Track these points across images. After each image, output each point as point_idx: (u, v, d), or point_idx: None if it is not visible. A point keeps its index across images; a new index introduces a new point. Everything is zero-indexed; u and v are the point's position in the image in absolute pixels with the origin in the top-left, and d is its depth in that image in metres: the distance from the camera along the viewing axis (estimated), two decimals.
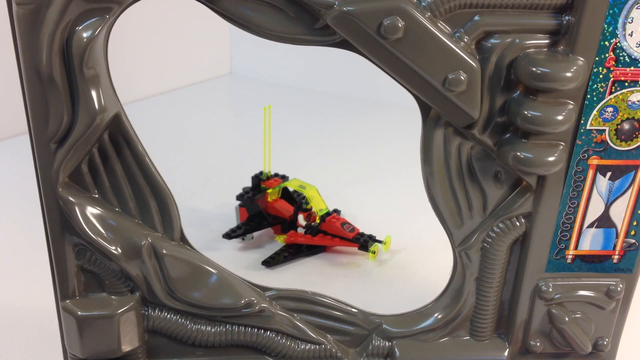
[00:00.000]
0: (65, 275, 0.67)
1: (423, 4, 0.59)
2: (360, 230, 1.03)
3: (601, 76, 0.61)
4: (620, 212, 0.68)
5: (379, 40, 0.59)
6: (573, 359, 0.77)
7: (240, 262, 1.02)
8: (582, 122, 0.63)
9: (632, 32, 0.59)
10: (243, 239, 1.06)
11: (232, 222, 1.10)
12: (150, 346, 0.73)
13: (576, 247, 0.70)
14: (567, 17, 0.60)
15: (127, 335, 0.69)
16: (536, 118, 0.61)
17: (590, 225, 0.69)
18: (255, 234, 1.07)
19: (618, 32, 0.59)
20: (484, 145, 0.66)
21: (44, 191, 0.63)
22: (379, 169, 1.41)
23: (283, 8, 0.60)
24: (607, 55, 0.60)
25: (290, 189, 1.10)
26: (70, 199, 0.64)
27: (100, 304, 0.69)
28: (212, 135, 1.63)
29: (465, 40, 0.61)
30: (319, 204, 1.04)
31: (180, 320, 0.72)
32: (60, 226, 0.65)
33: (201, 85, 2.05)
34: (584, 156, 0.65)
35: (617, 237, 0.69)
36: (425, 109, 0.65)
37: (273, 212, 1.07)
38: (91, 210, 0.65)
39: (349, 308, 0.75)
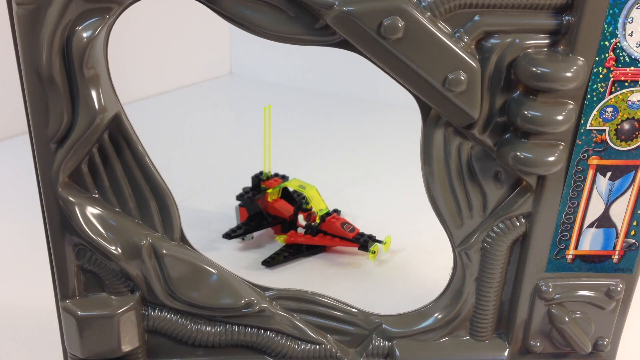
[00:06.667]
0: (65, 275, 0.67)
1: (423, 4, 0.59)
2: (360, 230, 1.03)
3: (601, 76, 0.61)
4: (620, 212, 0.68)
5: (379, 40, 0.59)
6: (573, 359, 0.77)
7: (240, 262, 1.02)
8: (582, 122, 0.63)
9: (632, 32, 0.59)
10: (243, 239, 1.06)
11: (232, 222, 1.10)
12: (150, 346, 0.73)
13: (576, 247, 0.70)
14: (567, 17, 0.60)
15: (127, 335, 0.69)
16: (536, 118, 0.61)
17: (590, 225, 0.69)
18: (255, 234, 1.07)
19: (618, 32, 0.59)
20: (484, 145, 0.66)
21: (44, 191, 0.63)
22: (379, 169, 1.41)
23: (283, 8, 0.60)
24: (607, 55, 0.60)
25: (290, 189, 1.10)
26: (70, 199, 0.64)
27: (100, 304, 0.69)
28: (212, 135, 1.63)
29: (465, 40, 0.61)
30: (319, 204, 1.04)
31: (180, 320, 0.72)
32: (60, 226, 0.65)
33: (201, 85, 2.05)
34: (584, 156, 0.65)
35: (617, 237, 0.69)
36: (425, 109, 0.65)
37: (273, 212, 1.07)
38: (91, 210, 0.65)
39: (349, 308, 0.75)
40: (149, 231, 0.68)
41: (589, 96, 0.62)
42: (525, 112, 0.62)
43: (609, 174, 0.66)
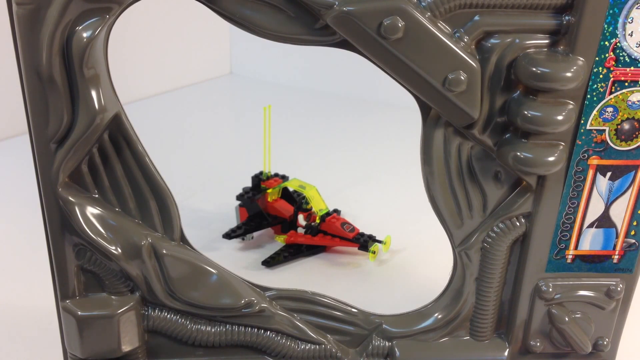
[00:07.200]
0: (65, 275, 0.67)
1: (423, 4, 0.59)
2: (360, 230, 1.03)
3: (601, 76, 0.61)
4: (620, 212, 0.68)
5: (379, 40, 0.59)
6: (573, 359, 0.77)
7: (240, 262, 1.02)
8: (582, 122, 0.63)
9: (632, 32, 0.59)
10: (243, 239, 1.06)
11: (232, 222, 1.10)
12: (150, 346, 0.73)
13: (576, 247, 0.70)
14: (567, 17, 0.60)
15: (127, 335, 0.69)
16: (536, 118, 0.61)
17: (590, 225, 0.69)
18: (255, 234, 1.07)
19: (618, 32, 0.59)
20: (484, 145, 0.66)
21: (44, 191, 0.63)
22: (379, 169, 1.41)
23: (283, 8, 0.60)
24: (607, 55, 0.60)
25: (290, 189, 1.10)
26: (70, 199, 0.64)
27: (100, 304, 0.69)
28: (212, 135, 1.63)
29: (465, 40, 0.61)
30: (319, 204, 1.04)
31: (180, 320, 0.72)
32: (60, 226, 0.65)
33: (201, 85, 2.05)
34: (584, 156, 0.65)
35: (617, 237, 0.69)
36: (425, 109, 0.65)
37: (273, 212, 1.07)
38: (91, 210, 0.65)
39: (349, 308, 0.75)
40: (149, 231, 0.68)
41: (589, 96, 0.62)
42: (525, 112, 0.62)
43: (609, 174, 0.66)
